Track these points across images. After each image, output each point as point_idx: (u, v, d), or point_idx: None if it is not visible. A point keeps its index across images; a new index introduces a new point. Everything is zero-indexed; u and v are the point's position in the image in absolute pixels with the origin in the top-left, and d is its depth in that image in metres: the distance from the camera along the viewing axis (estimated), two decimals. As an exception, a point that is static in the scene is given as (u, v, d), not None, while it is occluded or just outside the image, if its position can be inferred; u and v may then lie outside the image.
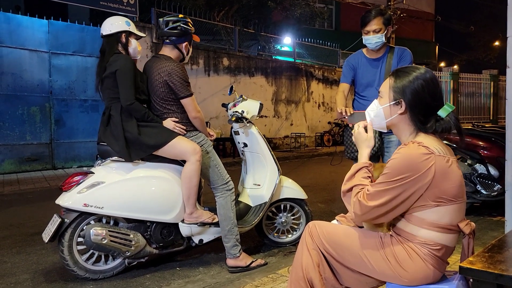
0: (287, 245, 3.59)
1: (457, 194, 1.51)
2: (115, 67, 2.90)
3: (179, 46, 3.07)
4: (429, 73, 1.61)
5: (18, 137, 8.59)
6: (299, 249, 1.73)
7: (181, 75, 2.95)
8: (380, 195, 1.51)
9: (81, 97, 9.39)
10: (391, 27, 3.07)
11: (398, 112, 1.61)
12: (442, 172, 1.48)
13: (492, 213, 4.32)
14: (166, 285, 2.86)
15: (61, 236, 2.82)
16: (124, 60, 2.93)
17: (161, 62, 3.00)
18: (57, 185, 6.80)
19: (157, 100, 3.02)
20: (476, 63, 25.91)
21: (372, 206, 1.51)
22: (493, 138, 4.18)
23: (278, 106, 13.53)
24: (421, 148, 1.49)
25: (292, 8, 13.61)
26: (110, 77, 2.92)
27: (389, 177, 1.50)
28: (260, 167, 3.41)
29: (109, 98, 2.97)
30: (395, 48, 3.11)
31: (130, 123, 2.90)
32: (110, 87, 2.94)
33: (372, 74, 3.08)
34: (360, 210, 1.54)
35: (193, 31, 3.14)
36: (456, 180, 1.51)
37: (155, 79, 2.99)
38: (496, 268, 1.25)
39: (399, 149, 1.55)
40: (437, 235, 1.52)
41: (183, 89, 2.96)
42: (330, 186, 6.75)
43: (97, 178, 2.88)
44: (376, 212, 1.52)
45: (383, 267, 1.56)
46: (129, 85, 2.87)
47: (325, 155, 12.40)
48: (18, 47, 8.54)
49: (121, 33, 3.04)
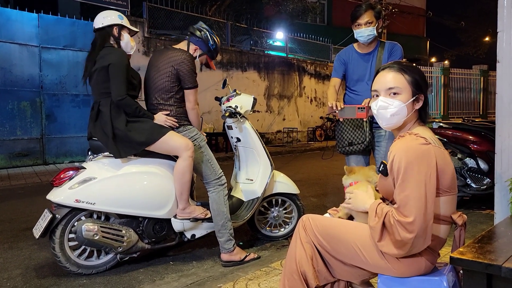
0: (279, 239, 3.61)
1: (451, 185, 1.54)
2: (108, 61, 2.85)
3: (191, 45, 3.13)
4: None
5: (8, 132, 8.50)
6: (293, 242, 1.74)
7: (192, 66, 3.00)
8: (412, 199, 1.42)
9: (72, 92, 9.31)
10: (382, 21, 3.10)
11: (416, 107, 1.61)
12: (440, 162, 1.50)
13: (481, 207, 4.38)
14: (159, 279, 2.87)
15: (52, 232, 2.80)
16: (119, 54, 2.90)
17: (173, 51, 3.03)
18: (48, 180, 6.76)
19: (156, 91, 3.01)
20: (467, 58, 26.10)
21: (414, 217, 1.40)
22: (482, 133, 4.23)
23: (270, 101, 13.53)
24: (419, 139, 1.51)
25: (285, 3, 13.60)
26: (101, 71, 2.86)
27: (407, 175, 1.45)
28: (253, 162, 3.42)
29: (99, 92, 2.92)
30: (385, 43, 3.13)
31: (119, 120, 2.85)
32: (100, 81, 2.89)
33: (363, 69, 3.10)
34: (407, 231, 1.41)
35: (212, 51, 3.19)
36: (450, 172, 1.53)
37: (161, 68, 2.99)
38: (485, 258, 1.28)
39: (396, 144, 1.55)
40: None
41: (191, 79, 3.00)
42: (322, 181, 6.79)
43: (89, 173, 2.86)
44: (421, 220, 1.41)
45: (376, 259, 1.58)
46: (122, 80, 2.82)
47: (317, 149, 12.45)
48: (7, 41, 8.43)
49: (113, 26, 3.00)
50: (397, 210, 1.46)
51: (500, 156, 2.80)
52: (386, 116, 1.60)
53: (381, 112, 1.60)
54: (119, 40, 3.03)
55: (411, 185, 1.44)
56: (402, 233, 1.42)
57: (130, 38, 3.08)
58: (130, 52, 3.11)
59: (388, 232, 1.48)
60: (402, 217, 1.43)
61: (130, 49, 3.11)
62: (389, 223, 1.46)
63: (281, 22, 14.27)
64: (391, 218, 1.46)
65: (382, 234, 1.49)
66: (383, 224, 1.48)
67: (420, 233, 1.41)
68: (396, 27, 18.64)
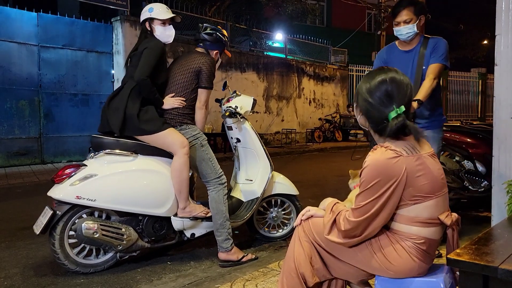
0: (277, 240, 3.62)
1: (432, 189, 1.53)
2: (144, 46, 3.01)
3: (210, 52, 3.26)
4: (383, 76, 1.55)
5: (6, 131, 8.48)
6: (292, 242, 1.76)
7: (213, 70, 3.16)
8: (362, 206, 1.52)
9: (71, 91, 9.30)
10: (424, 16, 2.90)
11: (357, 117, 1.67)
12: (413, 172, 1.50)
13: (479, 209, 4.39)
14: (157, 279, 2.87)
15: (53, 229, 2.81)
16: (155, 41, 3.06)
17: (198, 54, 3.20)
18: (46, 179, 6.76)
19: (173, 85, 3.13)
20: (465, 61, 26.14)
21: (359, 218, 1.52)
22: (480, 135, 4.24)
23: (269, 102, 13.55)
24: (388, 152, 1.50)
25: (284, 4, 13.62)
26: (137, 55, 3.02)
27: (365, 186, 1.52)
28: (252, 163, 3.43)
29: (129, 75, 3.05)
30: (429, 39, 2.94)
31: (134, 102, 2.95)
32: (134, 65, 3.03)
33: (405, 67, 2.88)
34: (349, 224, 1.54)
35: (227, 45, 3.33)
36: (429, 177, 1.53)
37: (184, 64, 3.13)
38: (482, 260, 1.29)
39: (368, 156, 1.56)
40: (418, 230, 1.55)
41: (209, 80, 3.13)
42: (321, 182, 6.80)
43: (89, 170, 2.87)
44: (363, 223, 1.53)
45: (370, 261, 1.60)
46: (150, 62, 2.95)
47: (315, 151, 12.46)
48: (6, 40, 8.42)
49: (144, 22, 3.15)
50: (348, 211, 1.58)
51: (498, 158, 2.81)
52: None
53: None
54: (152, 33, 3.14)
55: (366, 192, 1.52)
56: (346, 225, 1.55)
57: (166, 27, 3.14)
58: (169, 40, 3.19)
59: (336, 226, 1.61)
60: (349, 216, 1.55)
61: (167, 38, 3.17)
62: (338, 220, 1.59)
63: (280, 24, 14.31)
64: (342, 215, 1.58)
65: (331, 228, 1.62)
66: (334, 220, 1.61)
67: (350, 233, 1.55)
68: (395, 29, 18.65)
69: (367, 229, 1.55)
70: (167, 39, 3.17)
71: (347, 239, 1.57)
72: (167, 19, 3.13)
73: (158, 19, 3.11)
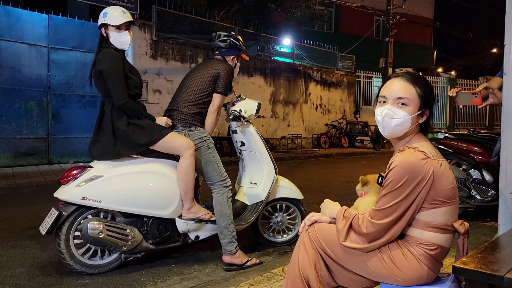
0: (282, 245, 3.61)
1: (451, 195, 1.55)
2: (100, 66, 2.88)
3: (227, 58, 3.32)
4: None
5: (14, 131, 8.57)
6: (297, 247, 1.75)
7: (231, 77, 3.23)
8: (387, 207, 1.52)
9: (79, 93, 9.38)
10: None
11: (420, 121, 1.63)
12: (438, 175, 1.52)
13: (485, 219, 4.36)
14: (161, 281, 2.88)
15: (59, 229, 2.83)
16: (109, 59, 2.87)
17: (217, 61, 3.28)
18: (53, 180, 6.81)
19: (190, 87, 3.16)
20: (473, 69, 26.04)
21: (384, 220, 1.52)
22: (488, 144, 4.22)
23: (275, 107, 13.56)
24: (418, 153, 1.53)
25: (292, 10, 13.63)
26: (98, 75, 2.93)
27: (392, 186, 1.52)
28: (257, 166, 3.44)
29: (103, 94, 2.99)
30: None
31: (121, 120, 2.90)
32: (99, 84, 2.96)
33: None
34: (373, 227, 1.53)
35: (243, 49, 3.37)
36: (449, 182, 1.55)
37: (203, 69, 3.21)
38: (488, 269, 1.28)
39: (396, 156, 1.56)
40: (432, 235, 1.55)
41: (225, 86, 3.17)
42: (326, 188, 6.79)
43: (95, 172, 2.90)
44: (388, 225, 1.53)
45: (378, 267, 1.59)
46: (118, 84, 2.86)
47: (321, 156, 12.44)
48: (17, 41, 8.53)
49: (101, 27, 2.99)
50: (368, 213, 1.56)
51: (505, 167, 2.79)
52: (390, 125, 1.60)
53: (386, 120, 1.60)
54: (108, 40, 2.98)
55: (393, 192, 1.51)
56: (369, 228, 1.54)
57: (122, 33, 2.97)
58: (123, 48, 3.03)
59: (354, 231, 1.59)
60: (372, 218, 1.55)
61: (122, 45, 3.00)
62: (357, 224, 1.57)
63: (288, 29, 14.32)
64: (360, 218, 1.57)
65: (347, 235, 1.60)
66: (350, 225, 1.59)
67: (374, 235, 1.55)
68: (403, 36, 18.64)
69: (389, 232, 1.54)
70: (122, 46, 3.00)
71: (369, 243, 1.56)
72: (122, 24, 2.95)
73: (111, 25, 2.94)
